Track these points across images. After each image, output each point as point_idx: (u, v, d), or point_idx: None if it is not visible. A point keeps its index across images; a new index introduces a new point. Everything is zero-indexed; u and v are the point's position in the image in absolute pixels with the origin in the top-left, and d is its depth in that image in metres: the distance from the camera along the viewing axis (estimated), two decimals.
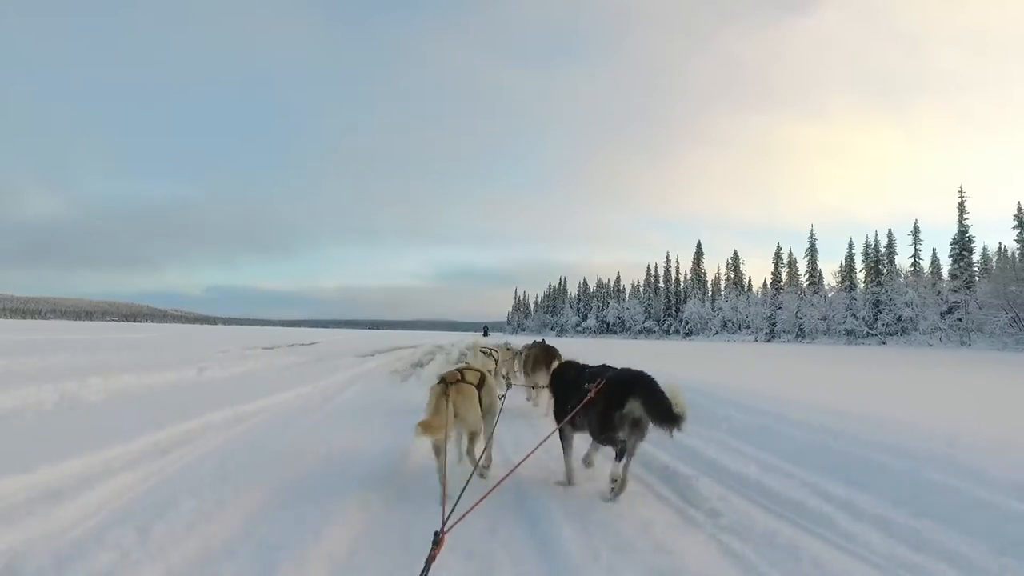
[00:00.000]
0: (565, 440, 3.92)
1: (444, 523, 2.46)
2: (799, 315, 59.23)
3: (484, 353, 6.75)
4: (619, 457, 3.52)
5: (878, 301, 50.92)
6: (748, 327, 71.61)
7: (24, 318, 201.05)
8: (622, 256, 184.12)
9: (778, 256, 65.58)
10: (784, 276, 66.09)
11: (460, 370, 3.95)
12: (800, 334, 59.15)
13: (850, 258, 56.63)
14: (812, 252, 66.87)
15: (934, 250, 51.67)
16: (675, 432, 3.36)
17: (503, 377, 8.54)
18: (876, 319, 50.85)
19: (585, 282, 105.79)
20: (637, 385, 3.46)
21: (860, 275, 56.13)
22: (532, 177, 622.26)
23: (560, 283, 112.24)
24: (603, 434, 3.55)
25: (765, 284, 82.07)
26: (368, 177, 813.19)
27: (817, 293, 61.47)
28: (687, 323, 77.70)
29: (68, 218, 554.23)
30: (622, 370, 3.73)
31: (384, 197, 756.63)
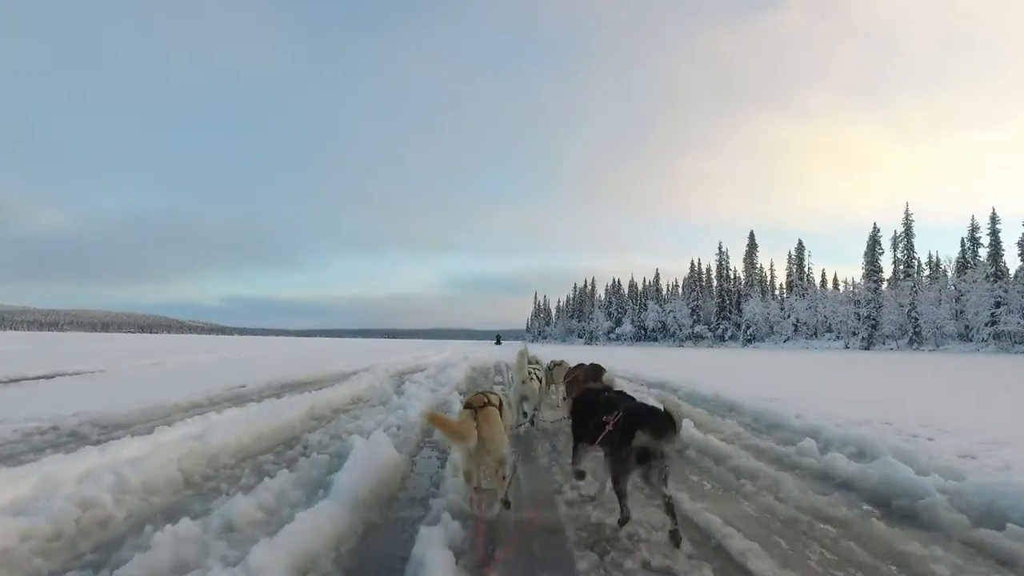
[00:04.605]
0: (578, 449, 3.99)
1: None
2: (913, 314, 45.30)
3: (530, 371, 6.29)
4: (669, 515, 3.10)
5: None
6: (830, 331, 57.82)
7: (43, 330, 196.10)
8: (631, 262, 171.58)
9: (874, 240, 51.63)
10: (878, 267, 51.98)
11: (484, 393, 3.84)
12: (915, 339, 45.17)
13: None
14: (908, 238, 53.20)
15: None
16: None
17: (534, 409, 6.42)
18: None
19: (617, 283, 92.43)
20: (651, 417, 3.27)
21: (941, 266, 42.28)
22: (537, 186, 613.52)
23: (587, 285, 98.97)
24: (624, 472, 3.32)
25: (835, 280, 68.49)
26: (370, 187, 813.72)
27: (919, 288, 47.68)
28: (748, 327, 63.98)
29: (72, 231, 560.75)
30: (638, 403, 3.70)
31: (389, 208, 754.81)
